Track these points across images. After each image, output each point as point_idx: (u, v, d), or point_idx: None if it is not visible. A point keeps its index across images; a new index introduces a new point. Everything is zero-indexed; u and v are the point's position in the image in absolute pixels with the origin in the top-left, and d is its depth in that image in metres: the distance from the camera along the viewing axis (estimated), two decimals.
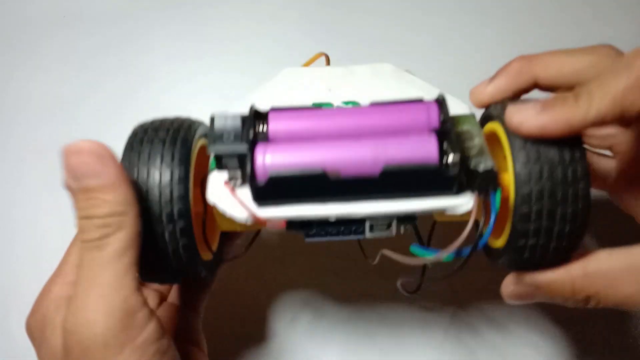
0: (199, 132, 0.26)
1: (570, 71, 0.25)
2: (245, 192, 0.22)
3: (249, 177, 0.21)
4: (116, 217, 0.21)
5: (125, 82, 0.44)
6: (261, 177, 0.21)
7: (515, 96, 0.26)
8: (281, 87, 0.28)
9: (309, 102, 0.26)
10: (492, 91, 0.26)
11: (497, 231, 0.25)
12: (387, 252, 0.22)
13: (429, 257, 0.21)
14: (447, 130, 0.22)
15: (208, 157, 0.24)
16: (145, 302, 0.22)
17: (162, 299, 0.30)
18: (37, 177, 0.40)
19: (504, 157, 0.24)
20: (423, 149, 0.21)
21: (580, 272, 0.23)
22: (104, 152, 0.21)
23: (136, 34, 0.46)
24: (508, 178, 0.23)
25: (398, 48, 0.44)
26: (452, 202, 0.22)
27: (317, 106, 0.25)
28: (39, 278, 0.33)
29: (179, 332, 0.29)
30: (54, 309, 0.23)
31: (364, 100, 0.26)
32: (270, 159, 0.21)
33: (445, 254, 0.21)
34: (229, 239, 0.30)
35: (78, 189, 0.21)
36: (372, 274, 0.33)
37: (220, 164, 0.23)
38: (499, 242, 0.25)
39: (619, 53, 0.25)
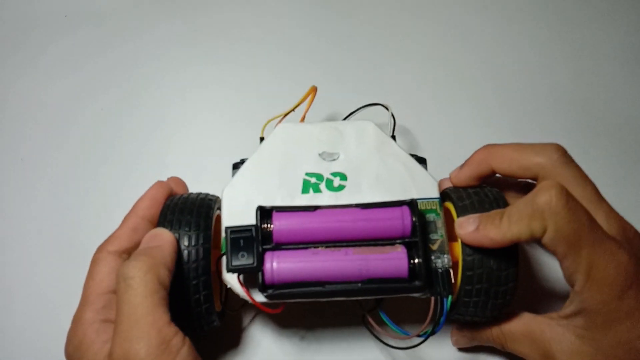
0: (216, 206, 0.31)
1: (518, 168, 0.31)
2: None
3: (260, 284, 0.27)
4: (148, 264, 0.27)
5: (126, 81, 0.45)
6: (269, 280, 0.27)
7: (481, 178, 0.32)
8: (277, 152, 0.32)
9: (302, 172, 0.31)
10: (462, 177, 0.33)
11: None
12: (371, 321, 0.31)
13: (404, 336, 0.29)
14: (416, 242, 0.28)
15: (220, 224, 0.30)
16: (178, 331, 0.27)
17: None
18: (37, 178, 0.41)
19: None
20: (396, 267, 0.27)
21: (498, 328, 0.32)
22: (164, 233, 0.29)
23: (138, 32, 0.47)
24: (458, 247, 0.30)
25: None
26: (416, 295, 0.29)
27: (310, 177, 0.31)
28: (39, 279, 0.38)
29: None
30: (93, 332, 0.29)
31: (350, 173, 0.31)
32: (277, 268, 0.27)
33: (413, 336, 0.29)
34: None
35: (140, 249, 0.29)
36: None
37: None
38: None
39: (564, 154, 0.30)
